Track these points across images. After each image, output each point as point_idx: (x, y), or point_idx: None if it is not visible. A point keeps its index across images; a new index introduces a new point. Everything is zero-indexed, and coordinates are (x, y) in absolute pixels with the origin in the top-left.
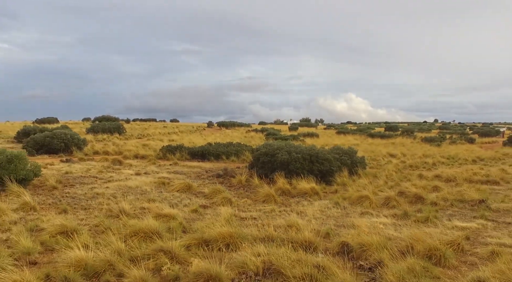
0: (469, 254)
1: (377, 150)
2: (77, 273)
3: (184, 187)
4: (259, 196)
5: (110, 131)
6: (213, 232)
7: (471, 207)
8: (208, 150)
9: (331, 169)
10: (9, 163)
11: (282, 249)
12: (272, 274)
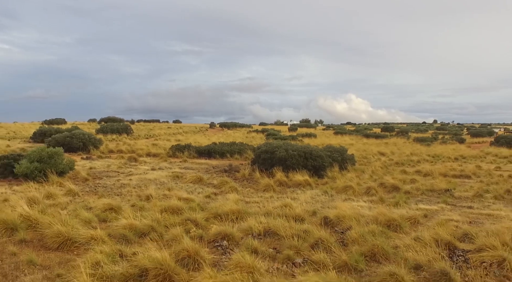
0: (422, 225)
1: (369, 149)
2: (130, 233)
3: (196, 179)
4: (260, 186)
5: (119, 132)
6: (225, 209)
7: (438, 195)
8: (213, 148)
9: (323, 164)
10: (50, 158)
11: (278, 220)
12: (270, 235)
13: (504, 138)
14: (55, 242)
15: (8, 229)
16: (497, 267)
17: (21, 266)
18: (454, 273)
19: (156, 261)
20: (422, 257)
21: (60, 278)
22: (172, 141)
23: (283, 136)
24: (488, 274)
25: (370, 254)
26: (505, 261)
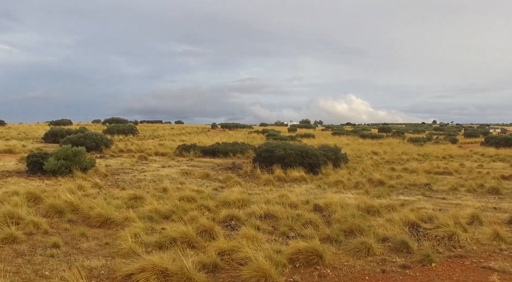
0: (397, 211)
1: (364, 149)
2: (155, 215)
3: (204, 175)
4: (261, 181)
5: (125, 132)
6: (231, 198)
7: (418, 189)
8: (217, 148)
9: (317, 162)
10: (74, 156)
11: (276, 206)
12: (269, 217)
13: (494, 139)
14: (97, 221)
15: (57, 212)
16: (447, 239)
17: (76, 237)
18: (413, 243)
19: (182, 233)
20: (390, 232)
21: (109, 245)
22: (177, 141)
23: (283, 137)
24: (440, 244)
25: (348, 230)
26: (454, 235)
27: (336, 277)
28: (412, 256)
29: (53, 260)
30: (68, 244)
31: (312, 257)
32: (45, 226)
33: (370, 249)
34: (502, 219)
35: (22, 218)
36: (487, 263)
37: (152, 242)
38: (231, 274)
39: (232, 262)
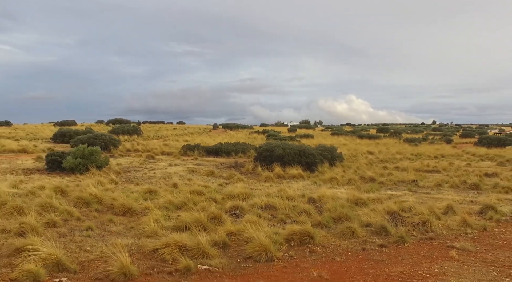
0: (382, 203)
1: (360, 148)
2: (170, 205)
3: (209, 172)
4: (262, 178)
5: (129, 133)
6: (235, 192)
7: (405, 185)
8: (220, 148)
9: (314, 161)
10: (90, 155)
11: (275, 199)
12: (269, 207)
13: (486, 139)
14: (121, 210)
15: (84, 203)
16: (422, 225)
17: (105, 223)
18: (391, 227)
19: (195, 219)
20: (373, 219)
21: (134, 228)
22: (181, 141)
23: (283, 137)
24: (415, 229)
25: (337, 218)
26: (428, 222)
27: (324, 253)
28: (390, 238)
29: (90, 239)
30: (99, 228)
31: (305, 238)
32: (77, 214)
33: (354, 232)
34: (474, 210)
35: (56, 207)
36: (451, 243)
37: (170, 226)
38: (238, 250)
39: (238, 241)
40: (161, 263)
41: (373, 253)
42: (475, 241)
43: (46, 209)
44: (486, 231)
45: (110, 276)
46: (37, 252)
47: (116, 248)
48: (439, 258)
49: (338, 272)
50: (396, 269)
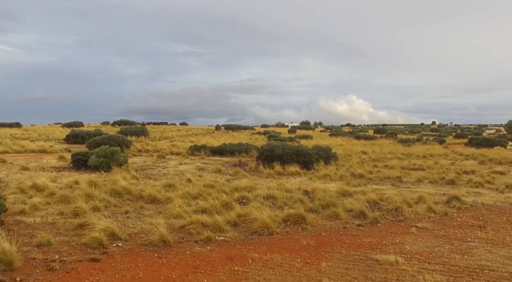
0: (366, 195)
1: (355, 149)
2: (188, 196)
3: (216, 170)
4: (264, 175)
5: (137, 134)
6: (241, 185)
7: (390, 181)
8: (225, 148)
9: (310, 160)
10: (112, 155)
11: (275, 191)
12: (270, 198)
13: (476, 140)
14: (148, 199)
15: (116, 193)
16: (394, 211)
17: (138, 208)
18: (368, 212)
19: (211, 205)
20: (355, 206)
21: (161, 213)
22: (186, 142)
23: (283, 138)
24: (388, 214)
25: (325, 205)
26: (399, 208)
27: (313, 230)
28: (366, 220)
29: (130, 220)
30: (135, 212)
31: (298, 219)
32: (114, 202)
33: (338, 215)
34: (443, 200)
35: (96, 196)
36: (415, 224)
37: (191, 210)
38: (246, 227)
39: (246, 220)
40: (188, 235)
41: (351, 230)
42: (435, 222)
43: (87, 198)
44: (447, 216)
45: (152, 243)
46: (96, 226)
47: (153, 225)
48: (402, 233)
49: (322, 242)
50: (367, 240)
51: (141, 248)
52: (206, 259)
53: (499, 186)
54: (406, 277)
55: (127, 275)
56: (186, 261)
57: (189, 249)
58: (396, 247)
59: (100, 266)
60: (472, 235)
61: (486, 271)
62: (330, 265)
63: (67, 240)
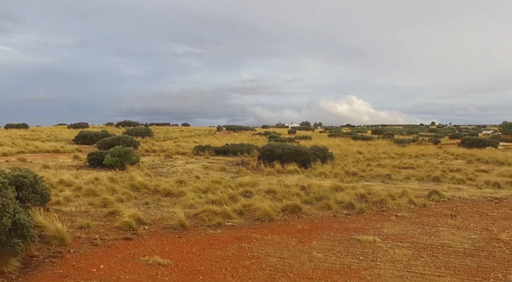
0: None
1: (352, 149)
2: (198, 190)
3: (221, 168)
4: (265, 173)
5: (142, 135)
6: (244, 182)
7: (381, 178)
8: (228, 148)
9: (308, 159)
10: (125, 154)
11: (275, 186)
12: (271, 192)
13: (468, 140)
14: (163, 193)
15: (135, 188)
16: (379, 203)
17: (156, 200)
18: (356, 203)
19: (219, 197)
20: (345, 199)
21: (176, 204)
22: (190, 142)
23: (283, 138)
24: (374, 205)
25: (319, 197)
26: (384, 200)
27: (307, 217)
28: (354, 210)
29: (150, 209)
30: (153, 203)
31: (295, 209)
32: (134, 195)
33: (330, 206)
34: (424, 194)
35: (117, 190)
36: (395, 213)
37: (202, 202)
38: (250, 215)
39: (250, 210)
40: (201, 221)
41: (340, 218)
42: (413, 212)
43: (111, 191)
44: (425, 207)
45: (172, 227)
46: (124, 213)
47: (171, 213)
48: (383, 220)
49: (314, 227)
50: (352, 225)
51: (163, 231)
52: (218, 239)
53: (479, 182)
54: (380, 251)
55: (156, 250)
56: (202, 240)
57: (203, 231)
58: (376, 230)
59: (133, 243)
60: (442, 222)
61: (445, 247)
62: (320, 243)
63: (102, 224)
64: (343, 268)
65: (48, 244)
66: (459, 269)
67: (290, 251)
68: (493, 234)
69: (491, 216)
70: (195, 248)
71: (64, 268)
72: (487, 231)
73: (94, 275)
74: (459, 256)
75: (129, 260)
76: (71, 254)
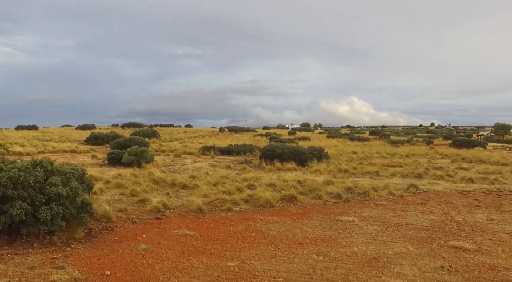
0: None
1: (347, 149)
2: (208, 183)
3: (226, 166)
4: (266, 170)
5: (149, 136)
6: (248, 177)
7: (370, 175)
8: (231, 149)
9: (305, 158)
10: (141, 153)
11: (275, 180)
12: (271, 185)
13: (458, 141)
14: (180, 186)
15: (155, 182)
16: (363, 194)
17: (174, 191)
18: (343, 194)
19: (228, 189)
20: (334, 190)
21: (192, 193)
22: (195, 143)
23: (283, 139)
24: (358, 196)
25: (312, 189)
26: (367, 192)
27: (301, 205)
28: (341, 199)
29: (171, 198)
30: (173, 193)
31: (291, 198)
32: (155, 187)
33: (321, 196)
34: (404, 188)
35: (141, 183)
36: (376, 202)
37: (214, 192)
38: (254, 202)
39: (254, 198)
40: (214, 207)
41: (328, 205)
42: (390, 201)
43: (135, 184)
44: (402, 197)
45: (192, 211)
46: (152, 200)
47: (189, 201)
48: (364, 207)
49: (306, 211)
50: (337, 210)
51: (185, 213)
52: (230, 219)
53: (456, 178)
54: (356, 227)
55: (182, 226)
56: (216, 220)
57: (217, 214)
58: (356, 214)
59: (163, 221)
60: (413, 208)
61: (408, 225)
62: (310, 222)
63: (135, 208)
64: (326, 237)
65: (99, 222)
66: (413, 238)
67: (286, 227)
68: (450, 216)
69: (455, 204)
70: (212, 225)
71: (116, 237)
72: (446, 214)
73: (140, 241)
74: (416, 230)
75: (164, 232)
76: (118, 228)
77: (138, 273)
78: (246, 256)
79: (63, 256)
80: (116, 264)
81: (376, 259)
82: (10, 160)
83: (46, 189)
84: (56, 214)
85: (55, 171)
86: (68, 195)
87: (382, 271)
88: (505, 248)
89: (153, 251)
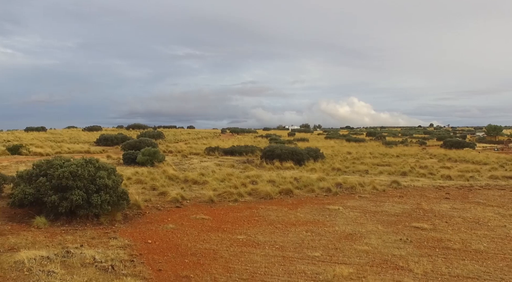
0: (336, 180)
1: (343, 150)
2: (216, 180)
3: (230, 165)
4: (266, 168)
5: (155, 137)
6: (251, 174)
7: (360, 173)
8: (234, 149)
9: (302, 158)
10: (154, 154)
11: (275, 177)
12: (271, 181)
13: (449, 142)
14: (192, 181)
15: (169, 178)
16: (350, 188)
17: (188, 186)
18: (334, 189)
19: (233, 183)
20: (325, 185)
21: (204, 188)
22: (200, 144)
23: (282, 140)
24: (346, 190)
25: (306, 185)
26: (354, 187)
27: (297, 197)
28: (331, 193)
29: (186, 191)
30: (187, 188)
31: (288, 191)
32: (170, 183)
33: (313, 190)
34: (387, 184)
35: (158, 179)
36: (361, 195)
37: (221, 187)
38: (256, 195)
39: (256, 192)
40: (223, 198)
41: (319, 197)
42: (373, 194)
43: (153, 180)
44: (384, 192)
45: (204, 201)
46: (171, 192)
47: (202, 194)
48: (349, 199)
49: (301, 201)
50: (327, 201)
51: (199, 203)
52: (236, 207)
53: (437, 176)
54: (340, 213)
55: (198, 212)
56: (226, 208)
57: (225, 204)
58: (341, 204)
59: (183, 209)
60: (391, 200)
61: (383, 212)
62: (302, 210)
63: (158, 199)
64: (314, 220)
65: (130, 209)
66: (384, 221)
67: (283, 213)
68: (420, 206)
69: (428, 197)
70: (223, 212)
71: (147, 219)
72: (417, 204)
73: (167, 222)
74: (389, 216)
75: (184, 217)
76: (147, 214)
77: (172, 242)
78: (251, 232)
79: (112, 231)
80: (153, 236)
81: (351, 234)
82: (64, 158)
83: (96, 180)
84: (104, 200)
85: (101, 166)
86: (112, 185)
87: (355, 242)
88: (454, 228)
89: (179, 229)
